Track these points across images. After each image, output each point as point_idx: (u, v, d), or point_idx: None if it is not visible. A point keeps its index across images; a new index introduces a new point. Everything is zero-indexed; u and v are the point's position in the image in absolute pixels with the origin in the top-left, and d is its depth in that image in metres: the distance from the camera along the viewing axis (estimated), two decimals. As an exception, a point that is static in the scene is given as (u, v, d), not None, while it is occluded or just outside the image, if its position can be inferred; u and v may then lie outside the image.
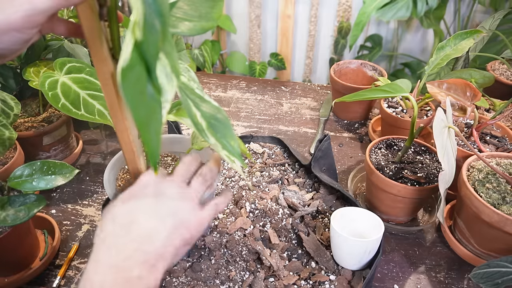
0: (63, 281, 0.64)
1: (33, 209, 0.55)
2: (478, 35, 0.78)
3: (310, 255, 0.63)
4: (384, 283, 0.64)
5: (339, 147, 0.96)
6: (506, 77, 1.02)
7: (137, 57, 0.28)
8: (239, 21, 1.85)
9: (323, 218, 0.72)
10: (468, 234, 0.65)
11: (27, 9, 0.32)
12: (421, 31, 1.74)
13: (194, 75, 0.49)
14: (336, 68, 1.07)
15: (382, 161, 0.71)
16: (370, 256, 0.60)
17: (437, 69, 0.78)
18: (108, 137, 0.98)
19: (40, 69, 0.77)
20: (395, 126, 0.87)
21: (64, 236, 0.71)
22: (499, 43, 1.39)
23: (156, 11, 0.28)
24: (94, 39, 0.37)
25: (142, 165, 0.53)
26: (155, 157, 0.32)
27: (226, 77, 1.28)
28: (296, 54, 1.92)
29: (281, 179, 0.81)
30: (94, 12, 0.36)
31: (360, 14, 1.41)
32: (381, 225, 0.60)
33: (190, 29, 0.46)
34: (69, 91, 0.68)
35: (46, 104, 0.86)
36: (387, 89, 0.68)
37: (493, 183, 0.62)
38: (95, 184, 0.83)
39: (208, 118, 0.42)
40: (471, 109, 0.69)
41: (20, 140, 0.76)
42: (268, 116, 1.08)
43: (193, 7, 0.47)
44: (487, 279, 0.53)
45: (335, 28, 1.79)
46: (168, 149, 0.68)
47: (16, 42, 0.35)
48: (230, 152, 0.43)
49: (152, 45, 0.28)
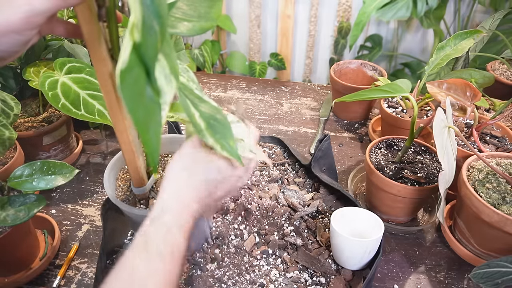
0: (63, 281, 0.64)
1: (33, 209, 0.55)
2: (478, 35, 0.78)
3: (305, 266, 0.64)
4: (384, 283, 0.64)
5: (339, 147, 0.96)
6: (506, 77, 1.02)
7: (135, 59, 0.27)
8: (239, 21, 1.85)
9: (323, 218, 0.72)
10: (468, 234, 0.65)
11: (26, 11, 0.32)
12: (421, 31, 1.74)
13: (193, 76, 0.49)
14: (336, 68, 1.07)
15: (382, 161, 0.71)
16: (370, 256, 0.60)
17: (437, 69, 0.78)
18: (108, 137, 0.98)
19: (40, 69, 0.77)
20: (395, 126, 0.87)
21: (64, 236, 0.71)
22: (499, 43, 1.39)
23: (154, 12, 0.28)
24: (93, 39, 0.37)
25: (141, 165, 0.53)
26: (155, 158, 0.32)
27: (226, 77, 1.28)
28: (296, 54, 1.92)
29: (281, 178, 0.81)
30: (92, 12, 0.36)
31: (360, 14, 1.41)
32: (381, 225, 0.60)
33: (189, 29, 0.46)
34: (69, 91, 0.68)
35: (46, 104, 0.86)
36: (387, 89, 0.68)
37: (493, 183, 0.62)
38: (95, 184, 0.83)
39: (207, 118, 0.42)
40: (471, 109, 0.69)
41: (20, 140, 0.76)
42: (268, 116, 1.08)
43: (192, 7, 0.47)
44: (487, 279, 0.53)
45: (335, 28, 1.79)
46: (168, 149, 0.68)
47: (15, 44, 0.35)
48: (229, 152, 0.43)
49: (151, 47, 0.28)
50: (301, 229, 0.69)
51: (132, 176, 0.54)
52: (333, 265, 0.63)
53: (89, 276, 0.64)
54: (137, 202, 0.58)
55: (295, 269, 0.62)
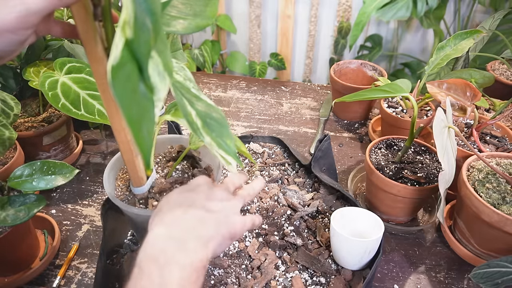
0: (63, 281, 0.64)
1: (33, 209, 0.55)
2: (478, 35, 0.78)
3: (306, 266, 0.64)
4: (384, 283, 0.64)
5: (339, 147, 0.96)
6: (506, 77, 1.02)
7: (127, 55, 0.27)
8: (239, 21, 1.85)
9: (323, 218, 0.72)
10: (468, 234, 0.65)
11: (21, 10, 0.32)
12: (421, 31, 1.74)
13: (190, 74, 0.48)
14: (336, 68, 1.07)
15: (382, 161, 0.71)
16: (370, 256, 0.60)
17: (437, 69, 0.78)
18: (108, 137, 0.98)
19: (40, 69, 0.77)
20: (395, 126, 0.87)
21: (64, 236, 0.71)
22: (499, 43, 1.39)
23: (147, 9, 0.28)
24: (89, 39, 0.37)
25: (140, 165, 0.53)
26: (148, 157, 0.31)
27: (226, 77, 1.28)
28: (296, 54, 1.92)
29: (281, 178, 0.81)
30: (88, 12, 0.36)
31: (360, 14, 1.42)
32: (381, 225, 0.60)
33: (185, 27, 0.45)
34: (69, 91, 0.68)
35: (46, 104, 0.86)
36: (387, 89, 0.68)
37: (493, 183, 0.62)
38: (95, 184, 0.83)
39: (203, 117, 0.42)
40: (471, 109, 0.69)
41: (20, 140, 0.76)
42: (268, 116, 1.08)
43: (187, 5, 0.47)
44: (487, 279, 0.53)
45: (335, 28, 1.79)
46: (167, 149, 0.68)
47: (10, 43, 0.35)
48: (226, 151, 0.42)
49: (143, 44, 0.28)
50: (301, 229, 0.69)
51: (131, 175, 0.54)
52: (333, 265, 0.63)
53: (89, 276, 0.64)
54: (137, 201, 0.58)
55: (295, 269, 0.62)
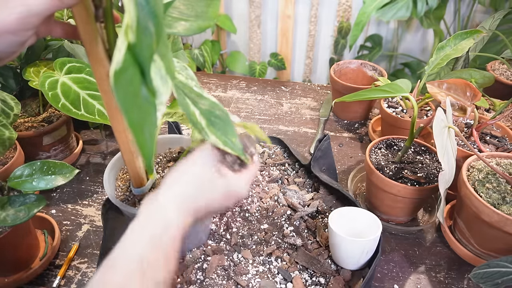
0: (63, 281, 0.64)
1: (33, 209, 0.55)
2: (478, 35, 0.78)
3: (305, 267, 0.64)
4: (384, 283, 0.64)
5: (339, 147, 0.96)
6: (506, 77, 1.02)
7: (130, 59, 0.27)
8: (239, 21, 1.85)
9: (323, 218, 0.72)
10: (468, 234, 0.65)
11: (22, 11, 0.32)
12: (421, 31, 1.74)
13: (191, 73, 0.48)
14: (336, 68, 1.07)
15: (382, 161, 0.71)
16: (369, 256, 0.60)
17: (437, 69, 0.78)
18: (108, 137, 0.98)
19: (40, 69, 0.77)
20: (395, 126, 0.87)
21: (64, 236, 0.71)
22: (499, 43, 1.39)
23: (149, 13, 0.28)
24: (90, 40, 0.37)
25: (140, 165, 0.53)
26: (149, 160, 0.32)
27: (226, 77, 1.28)
28: (296, 54, 1.92)
29: (281, 178, 0.81)
30: (89, 13, 0.36)
31: (360, 14, 1.41)
32: (379, 225, 0.60)
33: (187, 28, 0.45)
34: (69, 91, 0.68)
35: (46, 104, 0.86)
36: (387, 89, 0.68)
37: (493, 183, 0.62)
38: (95, 184, 0.83)
39: (207, 115, 0.42)
40: (471, 109, 0.69)
41: (20, 140, 0.76)
42: (268, 116, 1.08)
43: (189, 6, 0.47)
44: (487, 279, 0.53)
45: (335, 28, 1.79)
46: (168, 150, 0.68)
47: (11, 44, 0.35)
48: (232, 148, 0.43)
49: (146, 48, 0.28)
50: (301, 229, 0.69)
51: (132, 176, 0.54)
52: (333, 266, 0.63)
53: (89, 276, 0.64)
54: (137, 202, 0.58)
55: (294, 269, 0.62)
